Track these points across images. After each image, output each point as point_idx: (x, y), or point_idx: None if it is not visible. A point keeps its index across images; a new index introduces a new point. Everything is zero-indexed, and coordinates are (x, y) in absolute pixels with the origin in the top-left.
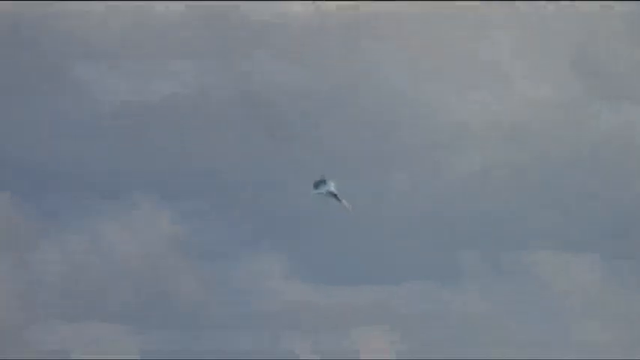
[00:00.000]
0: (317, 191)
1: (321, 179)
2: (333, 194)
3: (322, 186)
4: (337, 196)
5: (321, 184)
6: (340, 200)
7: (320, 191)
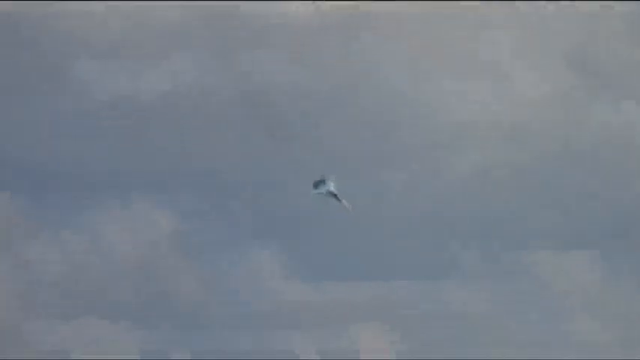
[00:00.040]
0: (317, 191)
1: (320, 179)
2: (332, 194)
3: (322, 186)
4: (337, 195)
5: (320, 183)
6: (340, 200)
7: (320, 191)
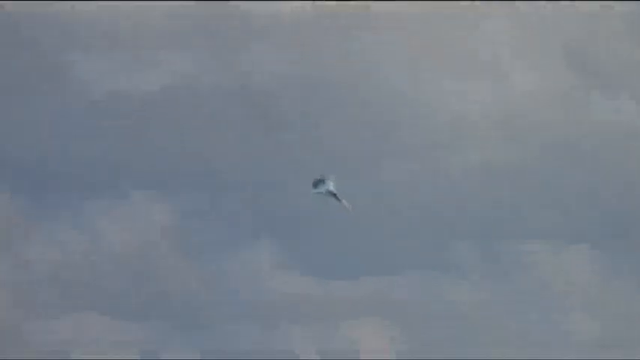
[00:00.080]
0: (316, 191)
1: (320, 179)
2: (332, 193)
3: (321, 185)
4: (337, 195)
5: (320, 183)
6: (340, 200)
7: (319, 191)
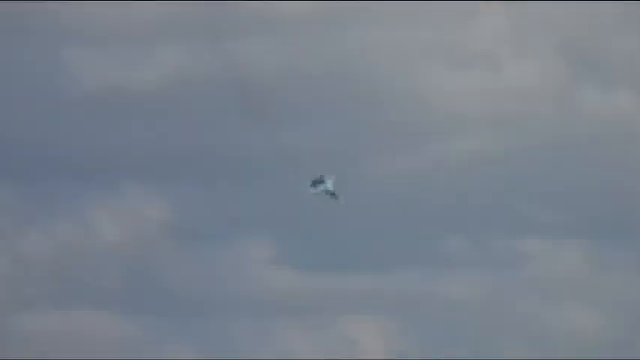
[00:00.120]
0: (315, 190)
1: (319, 179)
2: (331, 193)
3: (320, 185)
4: (335, 194)
5: (319, 183)
6: (337, 198)
7: (317, 190)
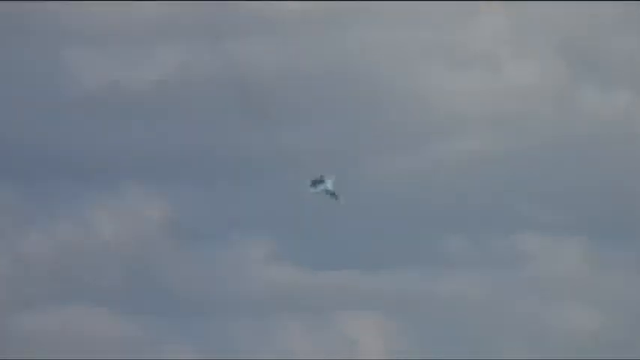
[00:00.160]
0: (315, 190)
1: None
2: (330, 193)
3: (320, 185)
4: (335, 194)
5: (318, 183)
6: (337, 198)
7: (317, 190)
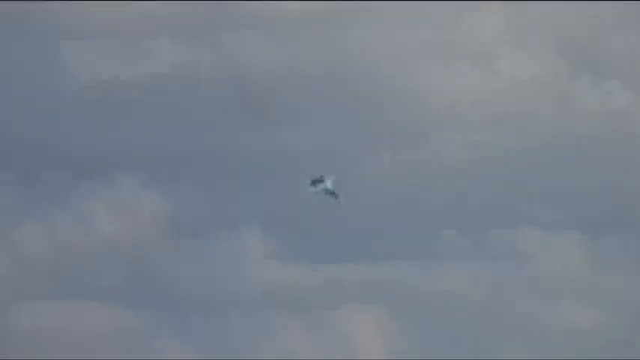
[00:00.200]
0: (314, 189)
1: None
2: (330, 192)
3: (320, 184)
4: (335, 193)
5: (318, 182)
6: (337, 198)
7: (317, 189)
